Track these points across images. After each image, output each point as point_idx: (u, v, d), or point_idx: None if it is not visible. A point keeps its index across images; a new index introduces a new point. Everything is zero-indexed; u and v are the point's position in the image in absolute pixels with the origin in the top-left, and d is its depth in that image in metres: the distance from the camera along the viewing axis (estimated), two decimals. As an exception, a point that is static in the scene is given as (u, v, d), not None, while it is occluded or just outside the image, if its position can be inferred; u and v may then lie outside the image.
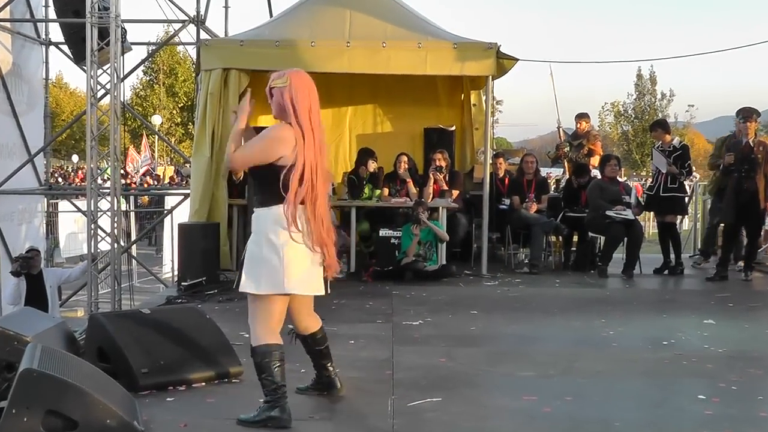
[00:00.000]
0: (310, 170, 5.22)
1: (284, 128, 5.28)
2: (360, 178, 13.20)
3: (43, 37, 17.49)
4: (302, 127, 5.26)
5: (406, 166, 13.19)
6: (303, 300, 5.64)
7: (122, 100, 12.64)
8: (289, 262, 5.21)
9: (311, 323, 5.87)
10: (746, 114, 12.09)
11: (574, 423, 5.35)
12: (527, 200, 13.28)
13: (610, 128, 65.42)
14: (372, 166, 13.20)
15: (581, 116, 14.96)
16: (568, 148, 14.72)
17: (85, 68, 12.71)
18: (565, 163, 14.85)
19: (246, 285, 5.33)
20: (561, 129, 15.15)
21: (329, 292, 5.59)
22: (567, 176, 14.78)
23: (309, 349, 5.96)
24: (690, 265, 13.77)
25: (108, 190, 12.64)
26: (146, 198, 30.57)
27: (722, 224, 13.16)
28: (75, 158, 62.31)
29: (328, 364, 5.98)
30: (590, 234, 13.10)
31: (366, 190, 13.13)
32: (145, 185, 34.32)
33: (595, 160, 14.33)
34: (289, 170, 5.18)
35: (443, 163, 13.10)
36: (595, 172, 13.65)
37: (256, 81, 13.39)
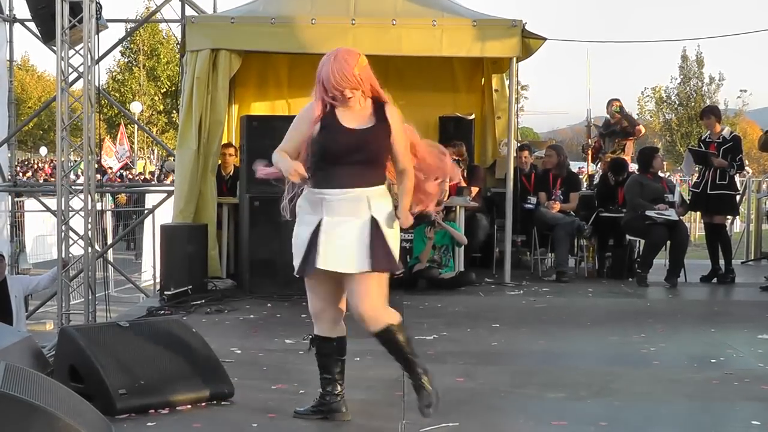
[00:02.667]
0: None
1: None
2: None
3: (7, 13, 17.47)
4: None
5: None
6: None
7: (97, 84, 12.62)
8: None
9: None
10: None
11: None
12: (553, 197, 13.26)
13: (651, 116, 65.36)
14: None
15: (613, 101, 14.94)
16: (602, 141, 14.74)
17: (54, 48, 12.72)
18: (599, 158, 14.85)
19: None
20: (591, 125, 15.16)
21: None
22: (601, 171, 14.76)
23: (331, 351, 6.10)
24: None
25: (81, 187, 12.65)
26: (123, 196, 30.56)
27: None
28: (43, 151, 62.48)
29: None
30: (628, 237, 13.10)
31: None
32: (117, 181, 34.28)
33: (630, 148, 14.34)
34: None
35: (460, 157, 13.10)
36: (633, 167, 13.64)
37: (248, 63, 13.46)
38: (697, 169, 13.23)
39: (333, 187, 5.69)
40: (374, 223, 5.72)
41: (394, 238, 5.86)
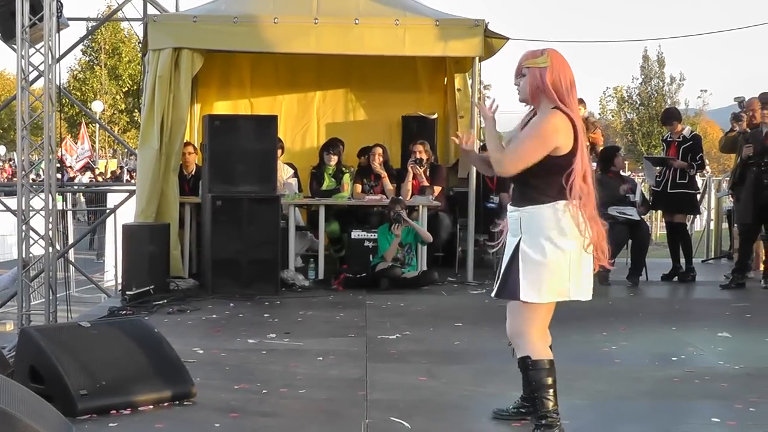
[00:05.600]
0: (584, 161, 5.34)
1: (555, 116, 5.30)
2: (322, 174, 13.32)
3: (-33, 11, 17.36)
4: (572, 112, 5.31)
5: (381, 159, 13.21)
6: (553, 307, 5.59)
7: (58, 83, 12.54)
8: (576, 266, 5.32)
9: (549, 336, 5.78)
10: (765, 100, 12.15)
11: (572, 450, 5.37)
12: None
13: (613, 116, 65.73)
14: (332, 160, 13.25)
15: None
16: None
17: (14, 47, 12.62)
18: None
19: (528, 294, 5.31)
20: None
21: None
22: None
23: None
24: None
25: (41, 187, 12.57)
26: (81, 196, 30.36)
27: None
28: (1, 150, 62.02)
29: None
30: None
31: (326, 179, 13.20)
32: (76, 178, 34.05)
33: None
34: (567, 160, 5.26)
35: (424, 156, 13.11)
36: (593, 166, 13.67)
37: (210, 62, 13.43)
38: (658, 169, 13.30)
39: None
40: (516, 248, 5.38)
41: (535, 266, 5.31)
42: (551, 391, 5.33)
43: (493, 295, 5.54)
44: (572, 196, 5.22)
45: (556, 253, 5.25)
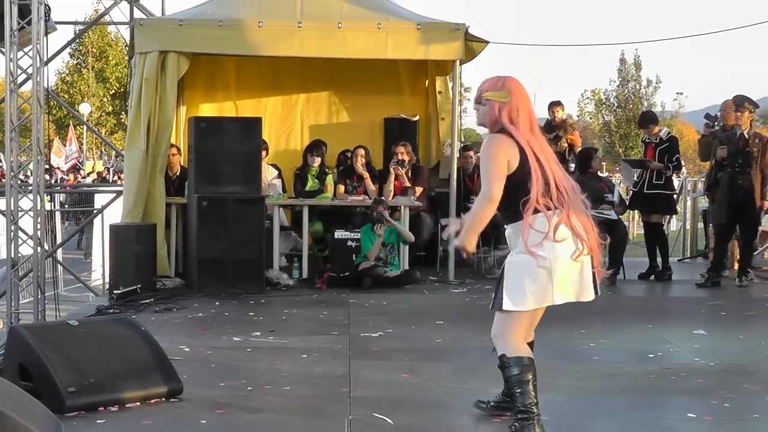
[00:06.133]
0: (548, 172, 5.33)
1: (495, 138, 5.41)
2: (306, 175, 13.32)
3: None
4: (517, 133, 5.35)
5: (364, 161, 13.21)
6: (540, 312, 5.65)
7: (46, 86, 12.50)
8: (561, 272, 5.37)
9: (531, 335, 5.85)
10: (740, 102, 12.19)
11: (552, 445, 5.38)
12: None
13: (591, 118, 65.91)
14: (316, 161, 13.26)
15: (555, 104, 15.05)
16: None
17: (3, 50, 12.59)
18: None
19: (508, 303, 5.43)
20: None
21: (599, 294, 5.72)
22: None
23: None
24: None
25: (30, 187, 12.53)
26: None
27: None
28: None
29: None
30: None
31: (309, 180, 13.21)
32: (68, 180, 33.95)
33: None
34: (520, 176, 5.30)
35: (406, 157, 13.12)
36: (571, 167, 13.70)
37: (196, 65, 13.41)
38: (637, 172, 13.36)
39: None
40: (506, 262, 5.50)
41: (513, 277, 5.43)
42: (529, 386, 5.34)
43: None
44: (542, 208, 5.27)
45: (534, 263, 5.29)
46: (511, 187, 5.31)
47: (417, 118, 14.64)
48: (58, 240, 17.91)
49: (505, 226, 5.51)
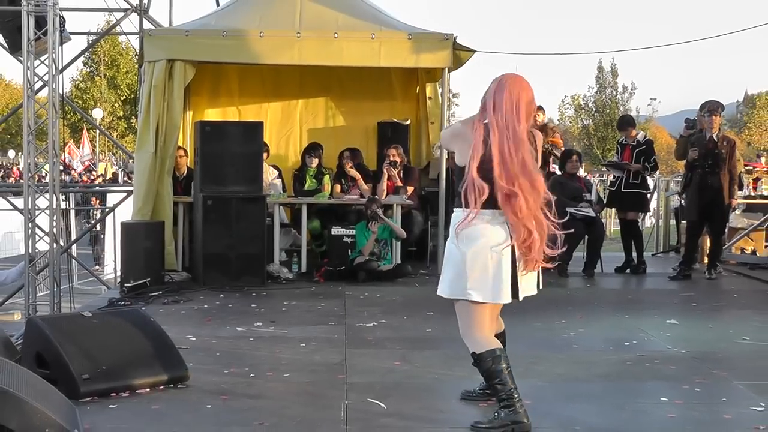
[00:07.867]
0: (497, 167, 5.08)
1: (460, 123, 5.35)
2: (304, 175, 13.31)
3: (-25, 26, 17.22)
4: (490, 123, 5.13)
5: (350, 164, 13.19)
6: (495, 307, 5.50)
7: (61, 92, 12.48)
8: (477, 268, 5.21)
9: (495, 326, 5.69)
10: (711, 108, 12.21)
11: (534, 427, 5.38)
12: None
13: (571, 122, 66.02)
14: (313, 162, 13.25)
15: (537, 109, 14.99)
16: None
17: (21, 59, 12.57)
18: None
19: (440, 287, 5.48)
20: None
21: (541, 288, 5.54)
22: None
23: None
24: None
25: (46, 187, 12.51)
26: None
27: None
28: (11, 154, 61.70)
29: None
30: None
31: (308, 180, 13.19)
32: (83, 181, 33.90)
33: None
34: (462, 169, 5.20)
35: (398, 159, 13.11)
36: (553, 167, 13.72)
37: (201, 73, 13.41)
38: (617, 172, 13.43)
39: None
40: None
41: (445, 264, 5.43)
42: (504, 374, 5.29)
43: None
44: (472, 202, 5.10)
45: (455, 254, 5.28)
46: (458, 175, 5.30)
47: (408, 122, 14.63)
48: (73, 236, 17.89)
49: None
